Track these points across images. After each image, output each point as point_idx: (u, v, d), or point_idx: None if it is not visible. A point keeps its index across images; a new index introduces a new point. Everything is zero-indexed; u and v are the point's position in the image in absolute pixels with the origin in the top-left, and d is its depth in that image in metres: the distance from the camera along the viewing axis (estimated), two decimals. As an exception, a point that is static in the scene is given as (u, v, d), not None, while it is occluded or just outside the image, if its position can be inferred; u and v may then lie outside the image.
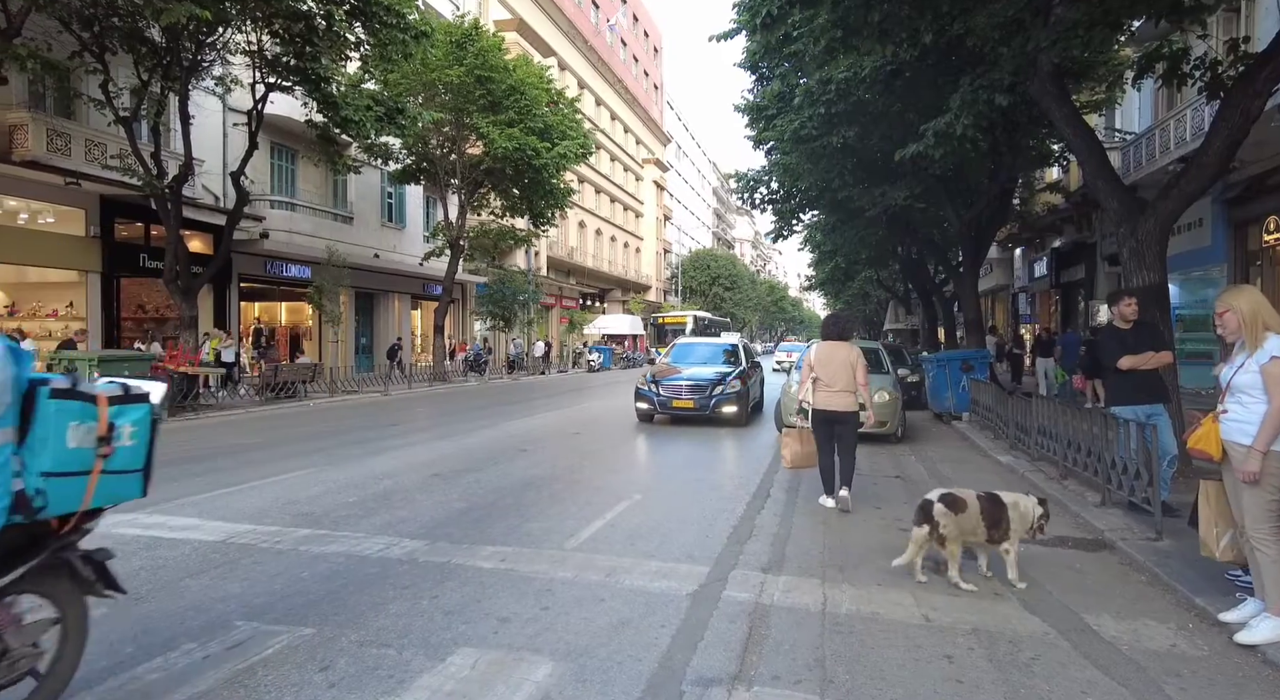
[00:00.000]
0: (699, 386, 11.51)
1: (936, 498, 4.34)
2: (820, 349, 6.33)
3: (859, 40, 9.19)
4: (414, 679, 3.00)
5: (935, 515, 4.24)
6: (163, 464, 7.86)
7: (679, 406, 11.46)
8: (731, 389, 11.46)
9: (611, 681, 3.02)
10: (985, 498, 4.38)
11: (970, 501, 4.31)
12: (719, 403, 11.36)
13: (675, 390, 11.52)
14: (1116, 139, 16.70)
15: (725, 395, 11.41)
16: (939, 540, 4.25)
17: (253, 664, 3.12)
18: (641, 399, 11.87)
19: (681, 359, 12.98)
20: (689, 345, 14.30)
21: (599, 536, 5.23)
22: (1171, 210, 6.95)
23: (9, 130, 13.61)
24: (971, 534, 4.30)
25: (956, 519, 4.24)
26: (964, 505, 4.28)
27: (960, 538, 4.27)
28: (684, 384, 11.54)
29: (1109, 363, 5.90)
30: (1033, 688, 3.04)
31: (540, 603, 3.89)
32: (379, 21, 13.81)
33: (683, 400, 11.42)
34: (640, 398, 11.89)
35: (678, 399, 11.46)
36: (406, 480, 7.19)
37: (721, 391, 11.42)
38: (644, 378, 12.13)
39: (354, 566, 4.46)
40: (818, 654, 3.33)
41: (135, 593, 3.95)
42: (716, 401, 11.35)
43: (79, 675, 2.98)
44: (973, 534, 4.30)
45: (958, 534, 4.25)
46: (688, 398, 11.41)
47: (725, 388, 11.46)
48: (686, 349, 13.75)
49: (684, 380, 11.61)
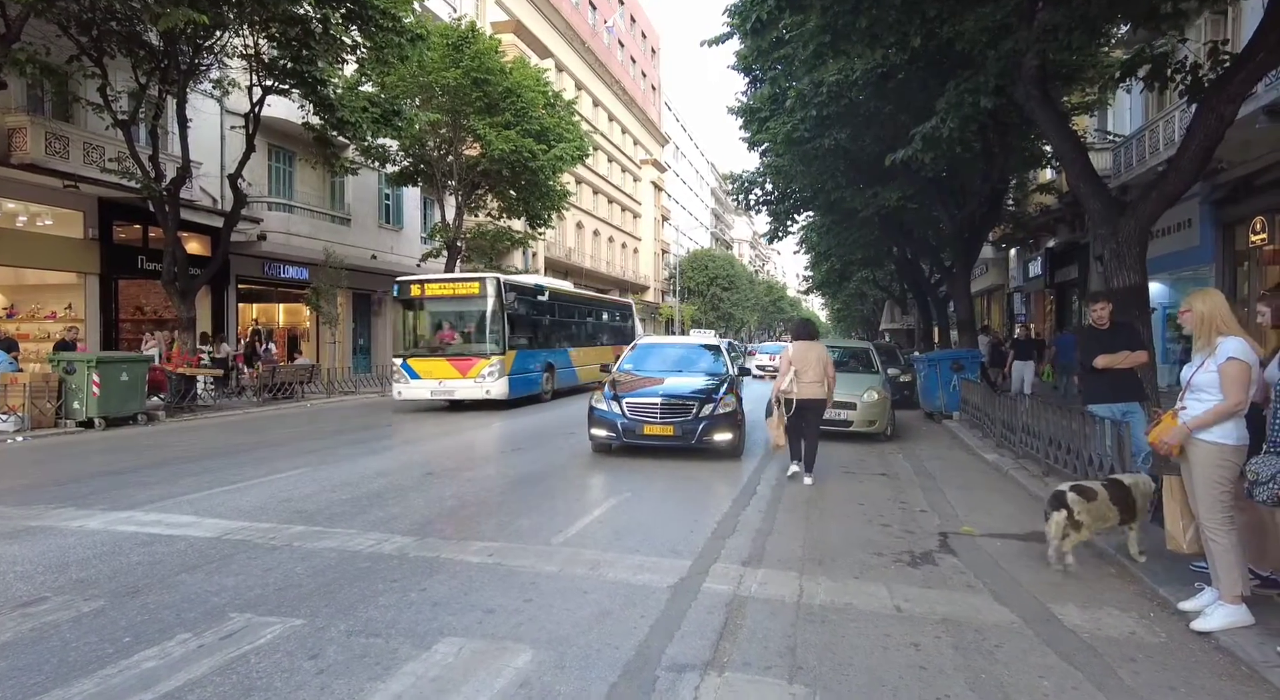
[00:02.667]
0: (678, 404, 8.41)
1: (1069, 488, 4.57)
2: (797, 347, 7.61)
3: (848, 44, 9.32)
4: (400, 666, 3.13)
5: (1069, 502, 4.44)
6: (159, 464, 8.05)
7: (652, 433, 8.34)
8: (725, 409, 8.42)
9: (589, 667, 3.15)
10: (1110, 485, 4.63)
11: (1099, 490, 4.55)
12: (709, 427, 8.29)
13: (646, 411, 8.42)
14: (1108, 140, 16.83)
15: (717, 417, 8.34)
16: (1073, 525, 4.43)
17: (245, 652, 3.24)
18: (599, 423, 8.63)
19: (647, 365, 9.94)
20: (655, 346, 11.02)
21: (586, 532, 5.36)
22: (1151, 212, 7.08)
23: (8, 134, 13.73)
24: (1102, 520, 4.51)
25: (1089, 506, 4.45)
26: (1093, 494, 4.51)
27: (1093, 525, 4.48)
28: (658, 402, 8.41)
29: (1086, 361, 6.04)
30: (993, 673, 3.17)
31: (525, 595, 4.02)
32: (375, 25, 13.93)
33: (658, 425, 8.34)
34: (597, 421, 8.65)
35: (650, 423, 8.35)
36: (401, 479, 7.32)
37: (711, 412, 8.35)
38: (601, 393, 8.87)
39: (346, 561, 4.58)
40: (789, 642, 3.46)
41: (132, 586, 4.08)
42: (706, 426, 8.27)
43: (77, 661, 3.12)
44: (1103, 520, 4.51)
45: (1091, 521, 4.46)
46: (665, 421, 8.33)
47: (716, 406, 8.39)
48: (652, 351, 10.61)
49: (657, 397, 8.49)
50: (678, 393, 8.64)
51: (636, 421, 8.42)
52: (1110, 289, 7.12)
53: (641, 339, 11.89)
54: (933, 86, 11.09)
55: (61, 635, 3.40)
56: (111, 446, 9.65)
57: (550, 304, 17.92)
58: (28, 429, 10.78)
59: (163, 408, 13.38)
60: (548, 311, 17.84)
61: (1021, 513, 6.22)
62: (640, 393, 8.72)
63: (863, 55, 9.91)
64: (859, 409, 9.94)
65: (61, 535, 5.13)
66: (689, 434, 8.30)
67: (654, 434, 8.39)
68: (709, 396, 8.55)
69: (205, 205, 18.10)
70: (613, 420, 8.53)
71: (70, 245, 15.70)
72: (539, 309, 17.31)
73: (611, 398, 8.76)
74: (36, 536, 5.10)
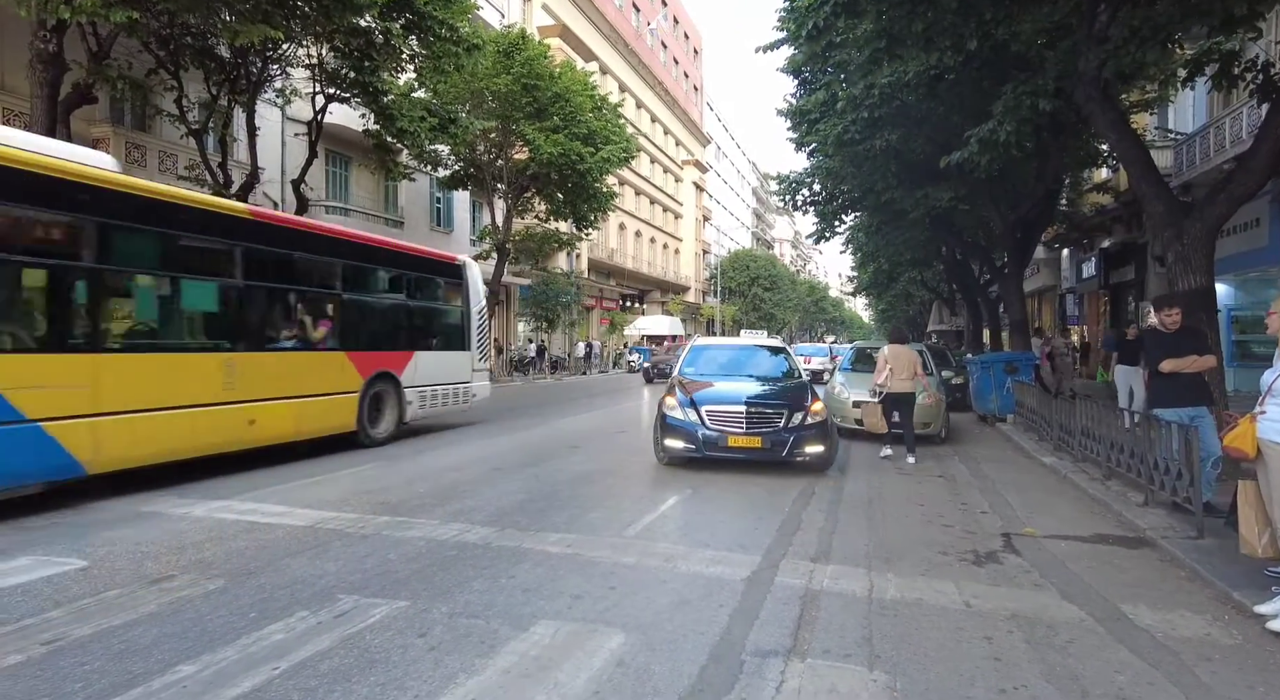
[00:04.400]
0: (765, 413, 7.74)
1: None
2: (892, 349, 9.21)
3: (903, 49, 9.37)
4: (503, 645, 3.38)
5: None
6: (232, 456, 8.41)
7: (738, 446, 7.60)
8: (815, 418, 7.78)
9: (678, 650, 3.36)
10: None
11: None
12: (800, 440, 7.58)
13: (730, 421, 7.70)
14: (1168, 138, 16.42)
15: (807, 428, 7.67)
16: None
17: (360, 630, 3.53)
18: (675, 433, 7.87)
19: (710, 369, 9.32)
20: (714, 348, 10.40)
21: (654, 527, 5.58)
22: (1219, 214, 7.01)
23: (93, 144, 14.52)
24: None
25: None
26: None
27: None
28: (742, 410, 7.71)
29: (1151, 365, 6.03)
30: (1067, 666, 3.29)
31: (607, 583, 4.26)
32: (433, 34, 14.40)
33: (744, 437, 7.60)
34: (673, 431, 7.89)
35: (735, 434, 7.62)
36: (470, 473, 7.65)
37: (801, 422, 7.68)
38: (674, 400, 8.07)
39: (434, 549, 4.88)
40: (865, 633, 3.62)
41: (245, 568, 4.43)
42: (796, 438, 7.57)
43: (216, 631, 3.45)
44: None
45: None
46: (752, 432, 7.61)
47: (805, 415, 7.74)
48: (712, 353, 9.99)
49: (740, 404, 7.79)
50: (763, 400, 7.94)
51: (719, 432, 7.61)
52: (1176, 292, 7.06)
53: (695, 340, 10.72)
54: (986, 87, 11.03)
55: (196, 608, 3.74)
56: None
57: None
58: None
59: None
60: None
61: (1083, 515, 6.25)
62: (718, 398, 7.90)
63: (917, 58, 9.94)
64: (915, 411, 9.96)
65: (173, 521, 5.54)
66: (778, 446, 7.54)
67: (740, 447, 7.58)
68: (797, 404, 7.85)
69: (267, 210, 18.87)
70: (692, 430, 7.71)
71: (146, 249, 16.47)
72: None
73: (688, 403, 7.86)
74: (150, 521, 5.52)
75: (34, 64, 10.53)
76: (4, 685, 2.92)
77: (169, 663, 3.13)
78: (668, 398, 8.19)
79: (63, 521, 5.50)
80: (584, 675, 3.09)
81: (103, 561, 4.51)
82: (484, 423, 12.64)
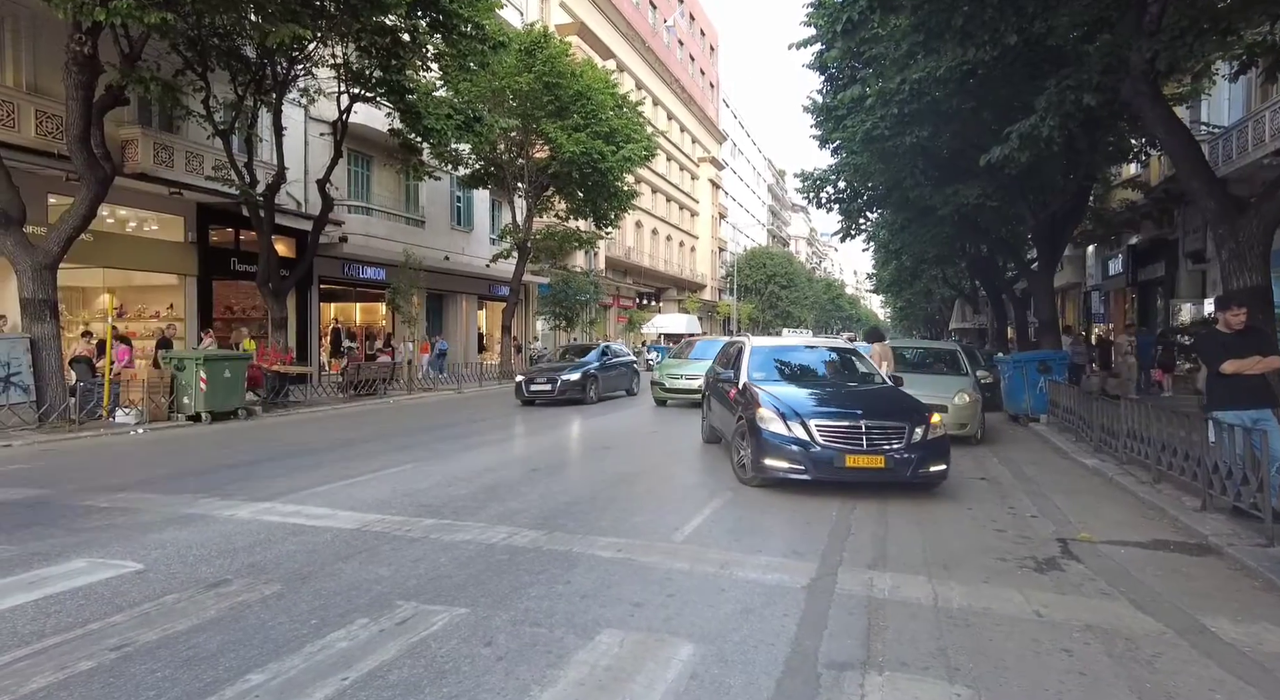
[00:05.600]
0: (887, 428, 6.60)
1: None
2: (880, 348, 10.30)
3: (940, 43, 9.22)
4: (570, 655, 3.32)
5: None
6: (274, 457, 8.54)
7: (856, 466, 6.45)
8: (936, 433, 6.75)
9: (751, 662, 3.28)
10: None
11: None
12: (925, 457, 6.55)
13: (846, 437, 6.54)
14: (1205, 131, 16.10)
15: (931, 443, 6.64)
16: None
17: (424, 638, 3.48)
18: (775, 452, 6.63)
19: (787, 377, 8.29)
20: (781, 350, 9.26)
21: (703, 531, 5.50)
22: (1277, 211, 6.82)
23: (121, 145, 14.64)
24: None
25: None
26: None
27: None
28: (860, 425, 6.57)
29: (1210, 367, 5.87)
30: (1158, 683, 3.17)
31: (665, 590, 4.18)
32: (458, 33, 14.36)
33: (864, 455, 6.46)
34: (773, 449, 6.64)
35: (854, 453, 6.46)
36: (509, 474, 7.61)
37: (924, 436, 6.60)
38: (770, 412, 6.84)
39: (484, 554, 4.83)
40: (939, 644, 3.52)
41: (298, 572, 4.40)
42: (922, 456, 6.53)
43: (279, 638, 3.41)
44: None
45: None
46: (873, 450, 6.48)
47: (928, 429, 6.68)
48: (778, 357, 8.83)
49: (857, 418, 6.66)
50: (881, 413, 6.84)
51: (834, 451, 6.47)
52: (1231, 291, 6.88)
53: (752, 341, 9.23)
54: (1018, 82, 10.84)
55: (256, 615, 3.71)
56: (222, 440, 10.25)
57: None
58: (145, 422, 11.52)
59: (259, 403, 14.09)
60: None
61: (1137, 520, 6.11)
62: (828, 411, 6.85)
63: (952, 53, 9.78)
64: (950, 412, 9.81)
65: (219, 523, 5.53)
66: (902, 466, 6.45)
67: (858, 467, 6.46)
68: (917, 416, 6.79)
69: (290, 209, 18.94)
70: (800, 449, 6.52)
71: (173, 248, 16.65)
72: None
73: (793, 416, 6.70)
74: (197, 524, 5.51)
75: (69, 67, 10.59)
76: (81, 691, 2.89)
77: (238, 671, 3.09)
78: (761, 409, 6.95)
79: (110, 523, 5.50)
80: (659, 689, 3.02)
81: (157, 564, 4.50)
82: (507, 421, 12.61)
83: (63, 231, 11.23)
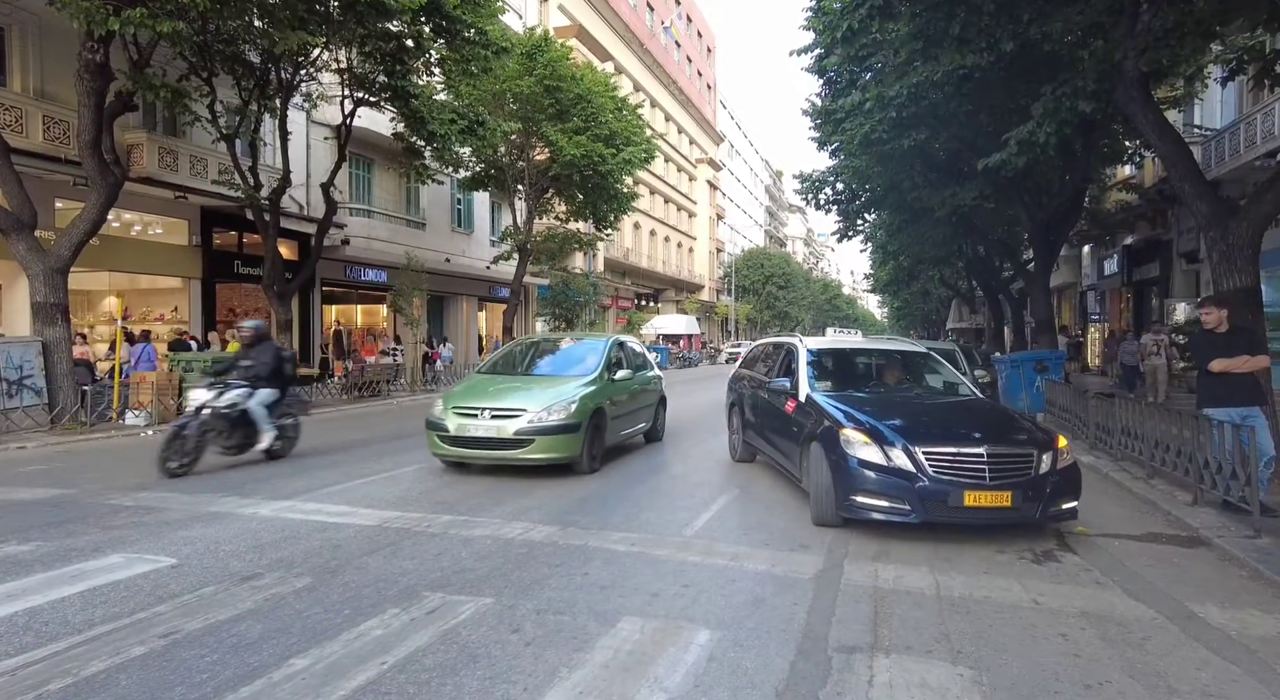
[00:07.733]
0: (1011, 457, 5.30)
1: None
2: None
3: (938, 50, 9.42)
4: (594, 640, 3.50)
5: None
6: (287, 457, 8.66)
7: (978, 505, 5.09)
8: (1066, 461, 5.45)
9: (766, 646, 3.47)
10: None
11: None
12: (1057, 492, 5.26)
13: (966, 468, 5.18)
14: (1197, 134, 16.34)
15: (1063, 474, 5.36)
16: None
17: (454, 626, 3.66)
18: (869, 485, 5.29)
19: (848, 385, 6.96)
20: (847, 353, 7.94)
21: (712, 526, 5.70)
22: (1266, 214, 7.04)
23: (127, 150, 14.78)
24: None
25: None
26: None
27: None
28: (982, 453, 5.20)
29: (1201, 365, 6.08)
30: (1147, 663, 3.37)
31: (680, 581, 4.37)
32: (461, 38, 14.53)
33: (986, 491, 5.09)
34: (864, 482, 5.31)
35: (975, 489, 5.10)
36: (517, 473, 7.77)
37: (1052, 465, 5.31)
38: (862, 434, 5.48)
39: (503, 548, 5.01)
40: (942, 630, 3.72)
41: (326, 566, 4.57)
42: (1054, 489, 5.24)
43: (316, 627, 3.59)
44: None
45: None
46: (997, 485, 5.12)
47: (1057, 456, 5.37)
48: (850, 362, 7.66)
49: (978, 446, 5.27)
50: (1002, 439, 5.46)
51: (947, 484, 5.13)
52: (1221, 292, 7.09)
53: (806, 343, 7.52)
54: (1014, 85, 11.06)
55: (291, 606, 3.89)
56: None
57: None
58: (155, 423, 11.66)
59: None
60: None
61: (1132, 514, 6.31)
62: (938, 435, 5.48)
63: (951, 58, 9.99)
64: None
65: (243, 521, 5.71)
66: (1031, 503, 5.15)
67: (979, 507, 5.10)
68: (1044, 441, 5.47)
69: (293, 212, 19.09)
70: (906, 483, 5.19)
71: (177, 252, 16.81)
72: None
73: (891, 440, 5.37)
74: (222, 521, 5.68)
75: (81, 74, 10.75)
76: (138, 675, 3.07)
77: (282, 656, 3.27)
78: (847, 431, 5.55)
79: (138, 521, 5.67)
80: (680, 670, 3.21)
81: (190, 559, 4.67)
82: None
83: (73, 236, 11.38)
